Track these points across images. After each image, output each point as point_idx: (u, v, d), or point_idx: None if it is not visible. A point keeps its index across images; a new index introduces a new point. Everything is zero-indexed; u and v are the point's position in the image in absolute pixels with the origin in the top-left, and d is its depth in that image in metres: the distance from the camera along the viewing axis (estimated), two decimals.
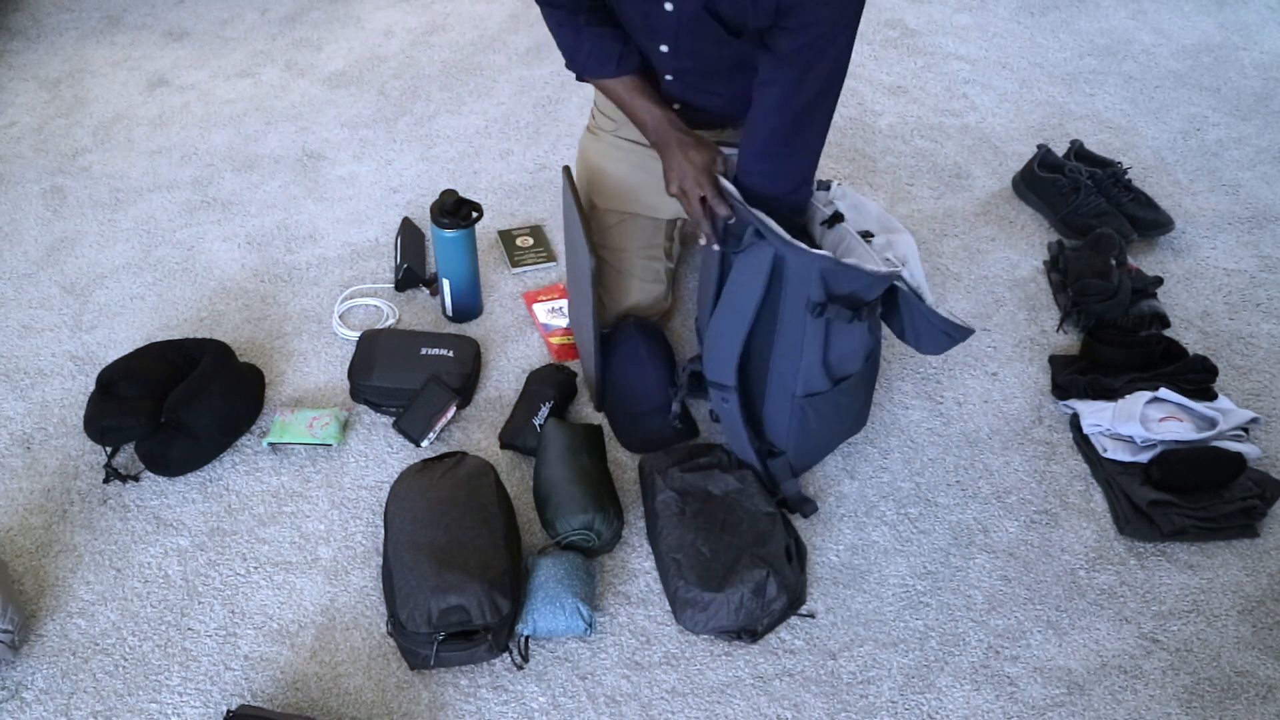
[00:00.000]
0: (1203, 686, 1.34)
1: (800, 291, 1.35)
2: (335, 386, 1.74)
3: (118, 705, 1.31)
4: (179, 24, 2.80)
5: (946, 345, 1.42)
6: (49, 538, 1.51)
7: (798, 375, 1.42)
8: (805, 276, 1.33)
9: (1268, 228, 2.08)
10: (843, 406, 1.52)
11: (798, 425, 1.48)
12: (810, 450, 1.56)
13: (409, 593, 1.30)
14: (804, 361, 1.41)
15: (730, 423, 1.51)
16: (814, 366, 1.42)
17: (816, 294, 1.34)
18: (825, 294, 1.34)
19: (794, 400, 1.45)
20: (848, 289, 1.34)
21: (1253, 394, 1.73)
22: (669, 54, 1.46)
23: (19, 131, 2.38)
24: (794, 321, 1.38)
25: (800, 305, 1.36)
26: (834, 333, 1.39)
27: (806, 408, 1.46)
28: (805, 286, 1.34)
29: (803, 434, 1.50)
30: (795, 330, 1.39)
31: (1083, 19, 2.79)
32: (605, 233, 1.71)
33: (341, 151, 2.31)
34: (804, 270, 1.33)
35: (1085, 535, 1.52)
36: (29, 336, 1.84)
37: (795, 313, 1.37)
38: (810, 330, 1.38)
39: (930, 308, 1.38)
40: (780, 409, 1.48)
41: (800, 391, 1.44)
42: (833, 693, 1.33)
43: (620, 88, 1.51)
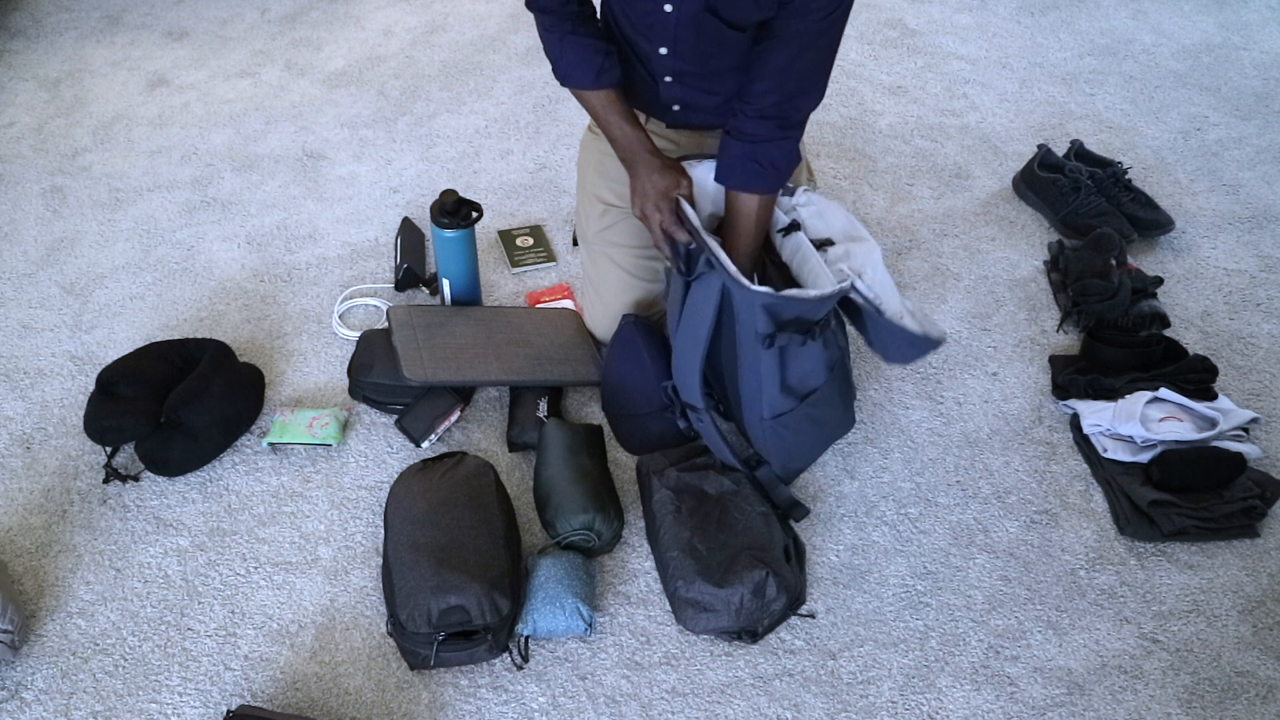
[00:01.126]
0: (1203, 686, 1.34)
1: (748, 324, 1.36)
2: (335, 386, 1.74)
3: (118, 705, 1.31)
4: (179, 24, 2.80)
5: (913, 355, 1.42)
6: (49, 538, 1.51)
7: (760, 400, 1.44)
8: (749, 309, 1.35)
9: (1268, 228, 2.08)
10: (817, 418, 1.51)
11: (775, 441, 1.49)
12: (795, 459, 1.56)
13: (409, 593, 1.30)
14: (764, 387, 1.42)
15: (708, 439, 1.52)
16: (774, 391, 1.43)
17: (764, 326, 1.35)
18: (773, 324, 1.35)
19: (763, 422, 1.46)
20: (793, 314, 1.34)
21: (1253, 394, 1.73)
22: (668, 55, 1.46)
23: (19, 131, 2.38)
24: (749, 350, 1.40)
25: (751, 336, 1.37)
26: (789, 356, 1.40)
27: (778, 427, 1.47)
28: (752, 319, 1.35)
29: (782, 448, 1.51)
30: (751, 358, 1.40)
31: (1083, 19, 2.79)
32: (605, 231, 1.71)
33: (341, 151, 2.31)
34: (748, 304, 1.34)
35: (1085, 535, 1.52)
36: (29, 336, 1.84)
37: (748, 342, 1.39)
38: (764, 359, 1.38)
39: (889, 320, 1.37)
40: (754, 427, 1.49)
41: (767, 414, 1.45)
42: (833, 693, 1.33)
43: (596, 100, 1.52)
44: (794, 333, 1.35)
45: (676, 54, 1.45)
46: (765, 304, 1.32)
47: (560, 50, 1.50)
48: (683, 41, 1.42)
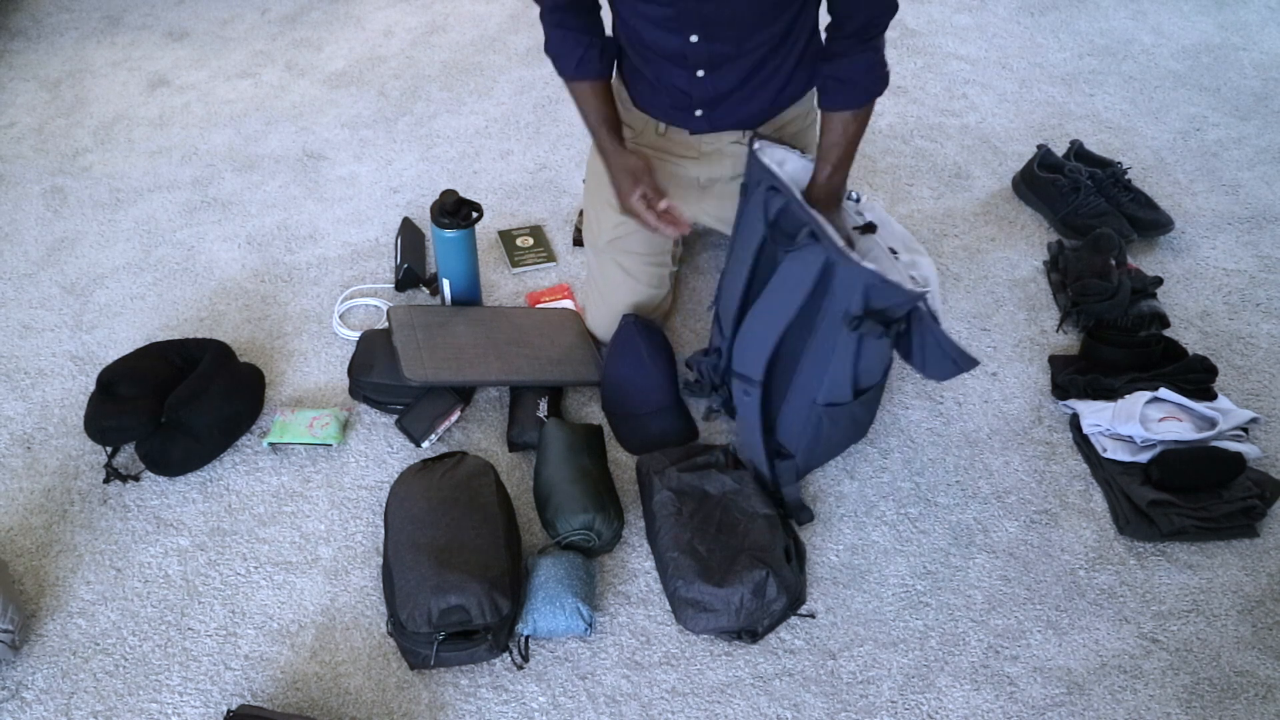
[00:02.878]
0: (1202, 686, 1.34)
1: (841, 302, 1.35)
2: (335, 386, 1.74)
3: (118, 705, 1.31)
4: (179, 24, 2.80)
5: (952, 373, 1.42)
6: (49, 538, 1.51)
7: (823, 383, 1.43)
8: (849, 288, 1.33)
9: (1267, 228, 2.08)
10: (857, 418, 1.53)
11: (812, 431, 1.48)
12: (818, 456, 1.57)
13: (409, 593, 1.30)
14: (831, 371, 1.41)
15: (747, 417, 1.51)
16: (841, 377, 1.42)
17: (856, 307, 1.34)
18: (864, 308, 1.34)
19: (814, 407, 1.45)
20: (883, 304, 1.34)
21: (1252, 394, 1.73)
22: (700, 42, 1.45)
23: (19, 132, 2.38)
24: (830, 330, 1.38)
25: (838, 316, 1.36)
26: (864, 347, 1.40)
27: (824, 416, 1.46)
28: (847, 298, 1.34)
29: (815, 440, 1.50)
30: (829, 339, 1.39)
31: (1083, 19, 2.79)
32: (619, 240, 1.70)
33: (341, 151, 2.31)
34: (849, 282, 1.33)
35: (1085, 535, 1.52)
36: (29, 336, 1.84)
37: (833, 322, 1.38)
38: (843, 341, 1.38)
39: (945, 334, 1.38)
40: (798, 412, 1.48)
41: (822, 399, 1.44)
42: (833, 693, 1.33)
43: (574, 90, 1.56)
44: (877, 323, 1.35)
45: (709, 37, 1.44)
46: (868, 284, 1.31)
47: (548, 39, 1.54)
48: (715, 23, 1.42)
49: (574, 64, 1.52)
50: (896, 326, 1.37)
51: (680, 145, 1.63)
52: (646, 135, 1.63)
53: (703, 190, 1.68)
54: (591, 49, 1.52)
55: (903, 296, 1.33)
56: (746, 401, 1.50)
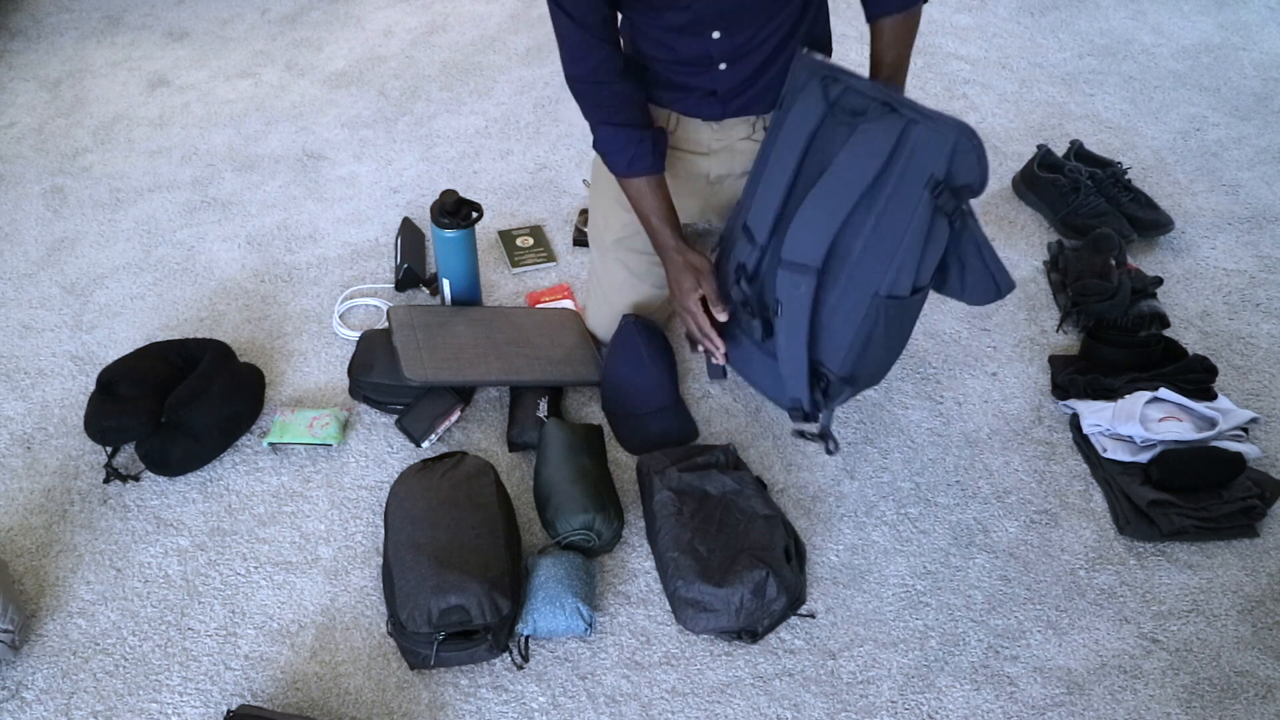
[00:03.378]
0: (1202, 686, 1.34)
1: (924, 167, 1.25)
2: (335, 386, 1.74)
3: (118, 705, 1.31)
4: (179, 24, 2.80)
5: (992, 294, 1.34)
6: (49, 538, 1.51)
7: (889, 268, 1.31)
8: (935, 150, 1.24)
9: (1267, 228, 2.08)
10: (905, 326, 1.41)
11: (865, 335, 1.37)
12: (859, 374, 1.44)
13: (409, 593, 1.30)
14: (901, 253, 1.29)
15: (793, 318, 1.40)
16: (908, 265, 1.31)
17: (941, 171, 1.24)
18: (947, 173, 1.25)
19: (875, 300, 1.33)
20: (962, 180, 1.25)
21: (1253, 394, 1.73)
22: (723, 37, 1.45)
23: (19, 131, 2.38)
24: (904, 205, 1.28)
25: (917, 185, 1.26)
26: (933, 231, 1.29)
27: (882, 312, 1.34)
28: (932, 162, 1.24)
29: (865, 348, 1.39)
30: (902, 215, 1.28)
31: (1083, 19, 2.79)
32: (626, 239, 1.70)
33: (341, 151, 2.31)
34: (935, 143, 1.24)
35: (1085, 535, 1.52)
36: (29, 336, 1.84)
37: (910, 192, 1.27)
38: (919, 217, 1.27)
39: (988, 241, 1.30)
40: (854, 310, 1.36)
41: (885, 289, 1.32)
42: (833, 693, 1.33)
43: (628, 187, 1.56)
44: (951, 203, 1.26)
45: (730, 30, 1.44)
46: (956, 144, 1.23)
47: (597, 136, 1.54)
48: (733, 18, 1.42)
49: (625, 162, 1.52)
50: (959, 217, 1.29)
51: (691, 141, 1.63)
52: None
53: (712, 186, 1.68)
54: (643, 144, 1.51)
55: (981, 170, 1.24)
56: (796, 297, 1.38)
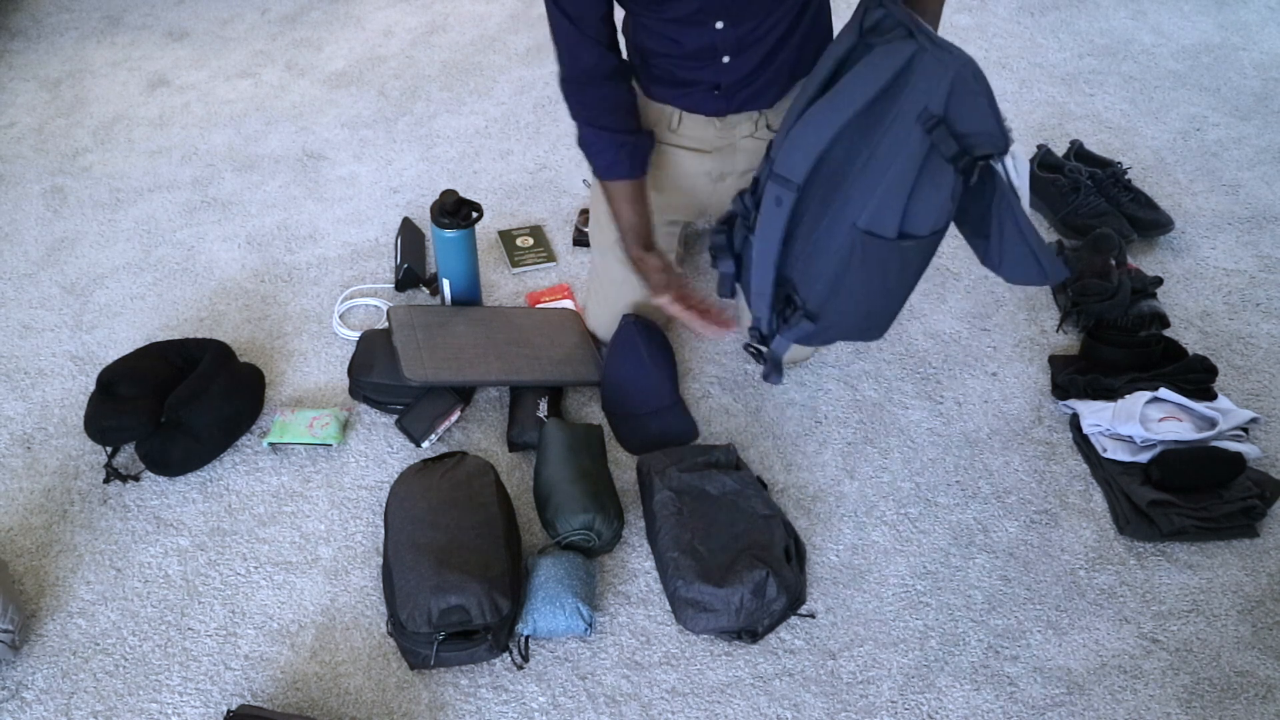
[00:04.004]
0: (1202, 686, 1.34)
1: (921, 97, 1.22)
2: (335, 386, 1.74)
3: (118, 705, 1.31)
4: (179, 24, 2.80)
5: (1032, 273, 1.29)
6: (49, 538, 1.51)
7: (870, 201, 1.28)
8: (934, 81, 1.20)
9: (1267, 228, 2.08)
10: (887, 273, 1.35)
11: (837, 267, 1.34)
12: (830, 312, 1.41)
13: (409, 593, 1.30)
14: (885, 188, 1.27)
15: (768, 231, 1.37)
16: (893, 199, 1.27)
17: (937, 105, 1.20)
18: (944, 110, 1.21)
19: (852, 231, 1.30)
20: (966, 126, 1.22)
21: (1253, 394, 1.73)
22: (727, 27, 1.45)
23: (19, 131, 2.38)
24: (897, 137, 1.24)
25: (912, 115, 1.22)
26: (926, 174, 1.25)
27: (858, 249, 1.31)
28: (929, 93, 1.21)
29: (837, 281, 1.36)
30: (893, 148, 1.25)
31: (1083, 19, 2.79)
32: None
33: (341, 151, 2.31)
34: (936, 74, 1.20)
35: (1085, 535, 1.52)
36: (29, 336, 1.84)
37: (904, 125, 1.23)
38: (908, 154, 1.24)
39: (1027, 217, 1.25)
40: (828, 239, 1.34)
41: (864, 223, 1.29)
42: (833, 693, 1.33)
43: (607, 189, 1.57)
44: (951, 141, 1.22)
45: (735, 20, 1.44)
46: (956, 79, 1.18)
47: (580, 135, 1.55)
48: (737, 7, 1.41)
49: (604, 165, 1.54)
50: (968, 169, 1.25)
51: (693, 139, 1.62)
52: (660, 130, 1.63)
53: (714, 185, 1.68)
54: (623, 149, 1.53)
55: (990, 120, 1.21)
56: (775, 213, 1.35)
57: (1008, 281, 1.37)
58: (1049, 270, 1.30)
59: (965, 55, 1.19)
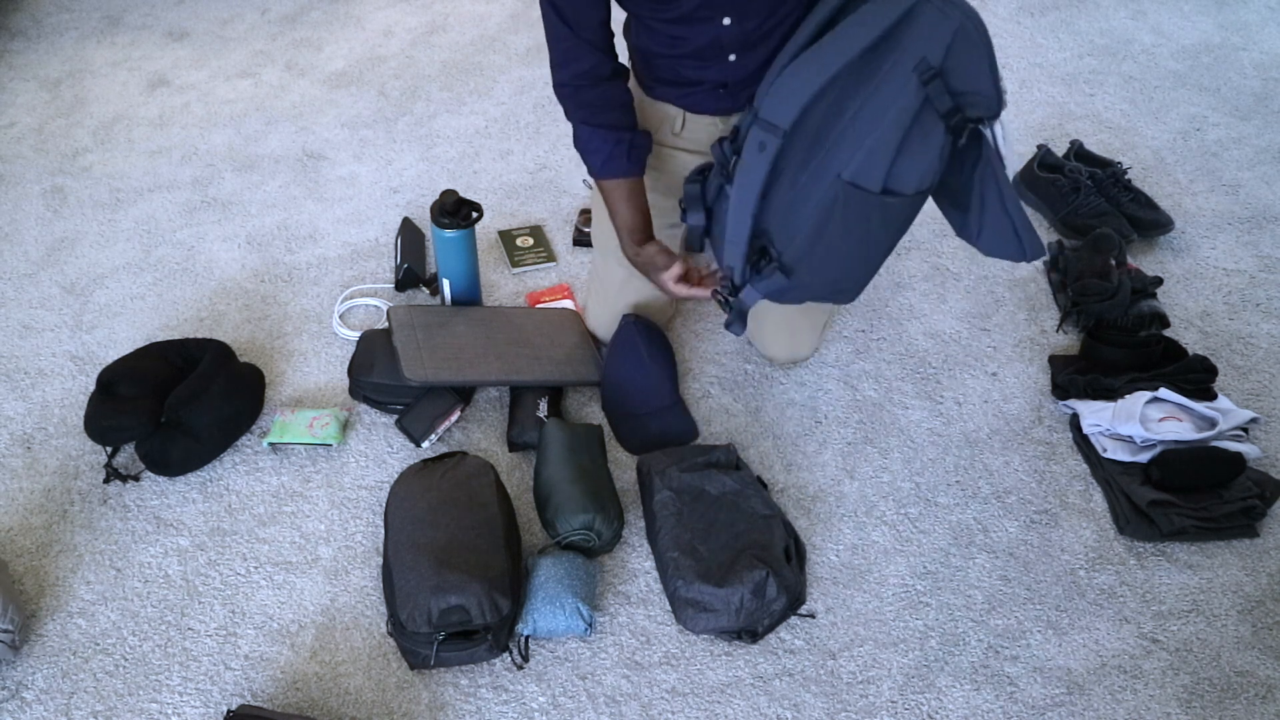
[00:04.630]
0: (1202, 686, 1.34)
1: (919, 48, 1.19)
2: (335, 386, 1.74)
3: (118, 705, 1.31)
4: (179, 24, 2.80)
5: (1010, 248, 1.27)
6: (49, 538, 1.51)
7: (857, 152, 1.26)
8: (935, 31, 1.19)
9: (1268, 228, 2.08)
10: (869, 228, 1.33)
11: (817, 219, 1.31)
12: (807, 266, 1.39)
13: (409, 593, 1.30)
14: (874, 140, 1.25)
15: (749, 178, 1.34)
16: (880, 151, 1.25)
17: (935, 57, 1.18)
18: (942, 62, 1.19)
19: (835, 182, 1.28)
20: (962, 84, 1.21)
21: (1253, 394, 1.73)
22: (733, 23, 1.44)
23: (19, 131, 2.38)
24: (892, 88, 1.22)
25: (908, 66, 1.20)
26: (917, 129, 1.24)
27: (840, 199, 1.28)
28: (927, 45, 1.19)
29: (816, 233, 1.33)
30: (886, 100, 1.23)
31: (1083, 19, 2.79)
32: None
33: (341, 151, 2.31)
34: (936, 25, 1.18)
35: (1085, 535, 1.52)
36: (29, 336, 1.84)
37: (899, 76, 1.21)
38: (902, 104, 1.22)
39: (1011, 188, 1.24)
40: (813, 190, 1.31)
41: (849, 175, 1.27)
42: (833, 693, 1.33)
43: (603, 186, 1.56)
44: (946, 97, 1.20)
45: (742, 16, 1.43)
46: (959, 28, 1.17)
47: (576, 135, 1.54)
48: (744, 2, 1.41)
49: (600, 163, 1.52)
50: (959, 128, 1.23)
51: (697, 141, 1.62)
52: (662, 134, 1.62)
53: None
54: (620, 146, 1.51)
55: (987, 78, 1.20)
56: (758, 159, 1.32)
57: (984, 254, 1.36)
58: (1027, 246, 1.28)
59: (970, 7, 1.17)
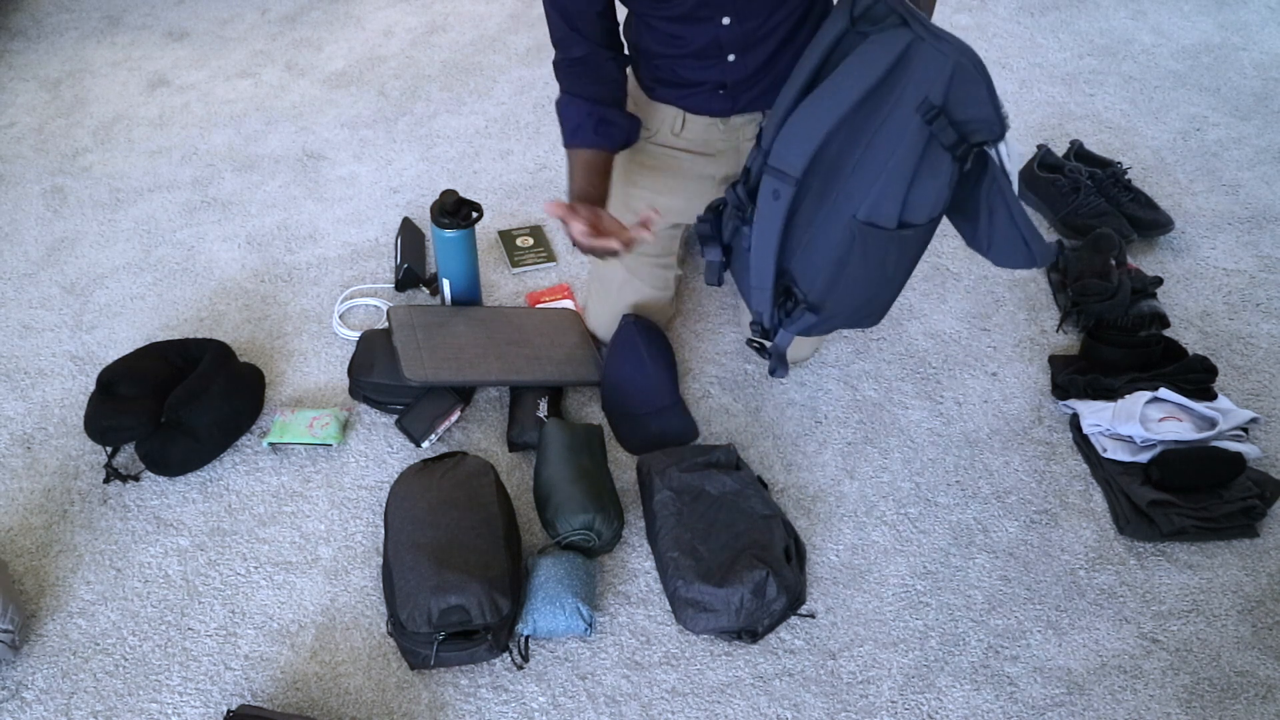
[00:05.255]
0: (1202, 686, 1.34)
1: (920, 88, 1.21)
2: (335, 386, 1.74)
3: (118, 705, 1.31)
4: (179, 24, 2.80)
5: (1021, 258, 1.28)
6: (49, 538, 1.51)
7: (870, 193, 1.28)
8: (934, 71, 1.20)
9: (1267, 228, 2.08)
10: (887, 262, 1.35)
11: (838, 258, 1.33)
12: (831, 304, 1.41)
13: (409, 593, 1.30)
14: (884, 180, 1.26)
15: (766, 227, 1.36)
16: (893, 190, 1.27)
17: (937, 96, 1.20)
18: (944, 100, 1.20)
19: (851, 223, 1.30)
20: (964, 114, 1.22)
21: (1253, 394, 1.73)
22: (733, 23, 1.44)
23: (19, 131, 2.38)
24: (896, 126, 1.24)
25: (911, 105, 1.22)
26: (925, 163, 1.25)
27: (858, 240, 1.30)
28: (928, 84, 1.20)
29: (836, 273, 1.35)
30: (892, 138, 1.25)
31: (1083, 19, 2.79)
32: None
33: (341, 151, 2.31)
34: (935, 64, 1.20)
35: (1085, 535, 1.52)
36: (29, 336, 1.84)
37: (903, 115, 1.23)
38: (908, 144, 1.23)
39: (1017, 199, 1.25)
40: (828, 230, 1.33)
41: (863, 215, 1.28)
42: (833, 693, 1.33)
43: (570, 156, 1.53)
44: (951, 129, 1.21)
45: (740, 16, 1.43)
46: (957, 68, 1.18)
47: (557, 104, 1.53)
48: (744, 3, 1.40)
49: (569, 131, 1.51)
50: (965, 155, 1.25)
51: (697, 142, 1.62)
52: (662, 134, 1.62)
53: (718, 187, 1.67)
54: (589, 118, 1.49)
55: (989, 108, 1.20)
56: (773, 206, 1.34)
57: (995, 265, 1.37)
58: (1037, 254, 1.29)
59: (963, 44, 1.19)
